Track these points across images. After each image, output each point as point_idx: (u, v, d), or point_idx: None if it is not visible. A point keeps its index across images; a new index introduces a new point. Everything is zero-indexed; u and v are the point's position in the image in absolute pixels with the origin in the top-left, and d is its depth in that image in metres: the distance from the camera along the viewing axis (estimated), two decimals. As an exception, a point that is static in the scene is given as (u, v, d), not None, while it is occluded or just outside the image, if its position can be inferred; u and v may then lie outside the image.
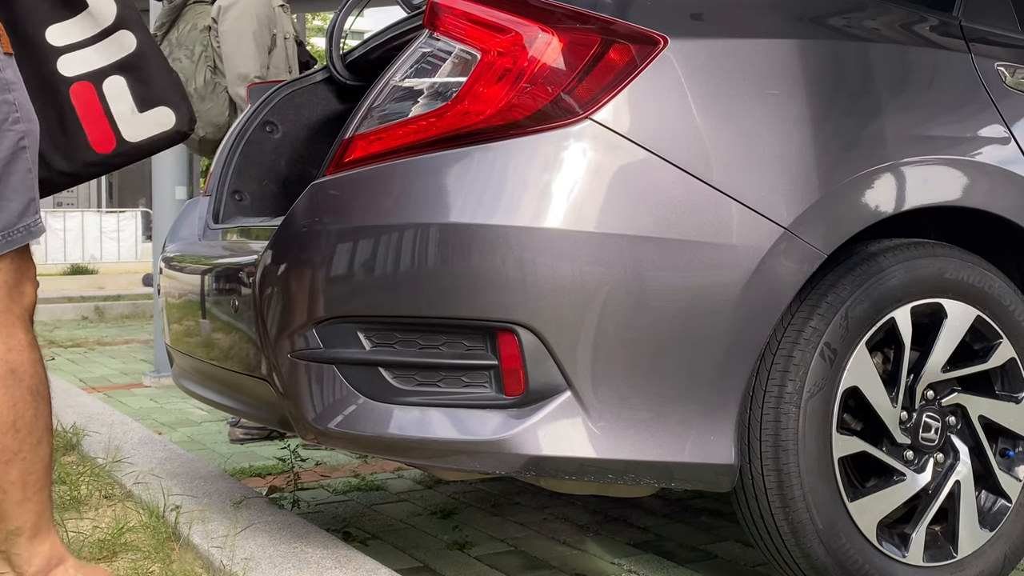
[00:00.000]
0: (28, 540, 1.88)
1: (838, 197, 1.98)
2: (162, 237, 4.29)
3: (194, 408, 4.44)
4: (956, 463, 2.13)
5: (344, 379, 1.95)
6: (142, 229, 16.65)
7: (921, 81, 2.17)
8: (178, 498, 2.61)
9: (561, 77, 1.89)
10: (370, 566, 2.11)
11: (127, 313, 8.72)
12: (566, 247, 1.84)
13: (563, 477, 1.90)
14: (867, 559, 2.02)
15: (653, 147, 1.89)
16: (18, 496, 1.84)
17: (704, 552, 2.55)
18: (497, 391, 1.87)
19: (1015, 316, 2.15)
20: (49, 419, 1.89)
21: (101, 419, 3.65)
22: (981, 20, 2.30)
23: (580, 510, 2.91)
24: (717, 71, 1.96)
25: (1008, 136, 2.18)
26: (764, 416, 1.96)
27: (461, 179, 1.89)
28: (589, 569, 2.43)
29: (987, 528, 2.15)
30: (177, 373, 2.72)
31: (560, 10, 1.94)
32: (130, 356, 6.27)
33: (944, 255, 2.10)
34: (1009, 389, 2.17)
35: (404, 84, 2.02)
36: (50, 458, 1.89)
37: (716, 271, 1.89)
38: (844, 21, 2.18)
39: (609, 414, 1.86)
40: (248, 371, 2.17)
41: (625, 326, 1.85)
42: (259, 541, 2.26)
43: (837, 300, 1.99)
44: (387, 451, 1.97)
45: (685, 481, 1.95)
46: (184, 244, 2.79)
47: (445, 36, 1.99)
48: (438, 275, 1.86)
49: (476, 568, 2.44)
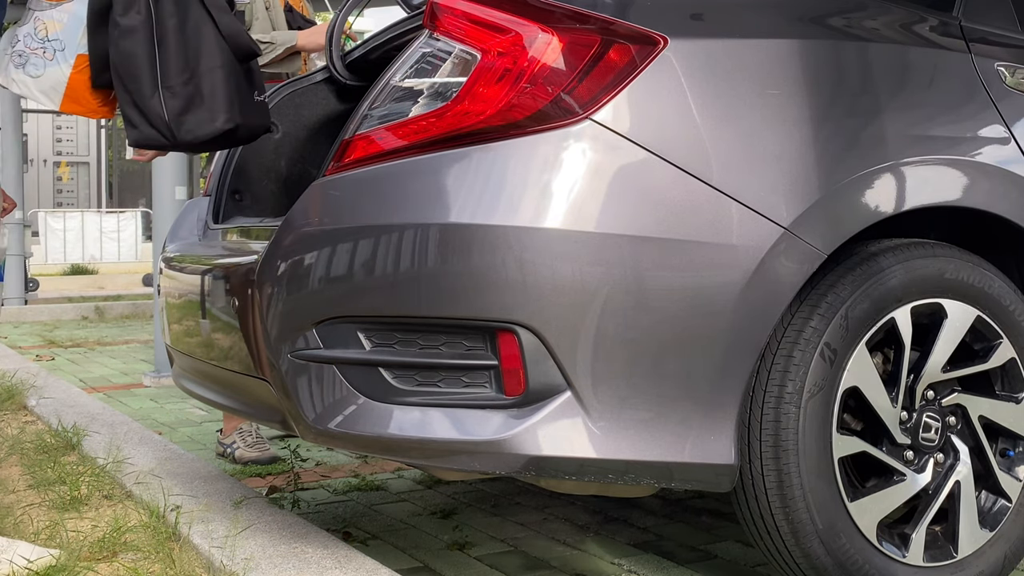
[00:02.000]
0: None
1: (838, 197, 1.98)
2: (162, 237, 4.29)
3: (194, 408, 4.44)
4: (956, 463, 2.13)
5: (344, 379, 1.95)
6: (142, 229, 16.65)
7: (921, 81, 2.17)
8: (178, 498, 2.61)
9: (561, 77, 1.89)
10: (370, 566, 2.11)
11: (127, 313, 8.72)
12: (566, 247, 1.84)
13: (563, 477, 1.90)
14: (867, 559, 2.02)
15: (653, 147, 1.89)
16: None
17: (704, 552, 2.55)
18: (497, 391, 1.87)
19: (1015, 316, 2.15)
20: None
21: (101, 419, 3.65)
22: (981, 20, 2.30)
23: (580, 510, 2.91)
24: (717, 71, 1.96)
25: (1008, 136, 2.18)
26: (764, 416, 1.96)
27: (461, 179, 1.89)
28: (589, 569, 2.43)
29: (987, 528, 2.15)
30: (177, 373, 2.72)
31: (560, 10, 1.94)
32: (130, 356, 6.28)
33: (944, 255, 2.10)
34: (1009, 389, 2.17)
35: (404, 84, 2.02)
36: None
37: (716, 271, 1.89)
38: (844, 21, 2.18)
39: (609, 414, 1.86)
40: (248, 371, 2.17)
41: (625, 326, 1.85)
42: (259, 541, 2.26)
43: (837, 300, 1.99)
44: (387, 451, 1.97)
45: (685, 481, 1.95)
46: (184, 244, 2.79)
47: (445, 36, 1.99)
48: (438, 275, 1.86)
49: (476, 568, 2.44)
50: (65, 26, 2.40)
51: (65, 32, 2.39)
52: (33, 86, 2.40)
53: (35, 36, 2.41)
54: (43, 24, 2.41)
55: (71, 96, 2.38)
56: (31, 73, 2.39)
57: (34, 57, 2.39)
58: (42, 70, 2.39)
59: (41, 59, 2.39)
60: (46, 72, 2.39)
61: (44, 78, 2.39)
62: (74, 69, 2.37)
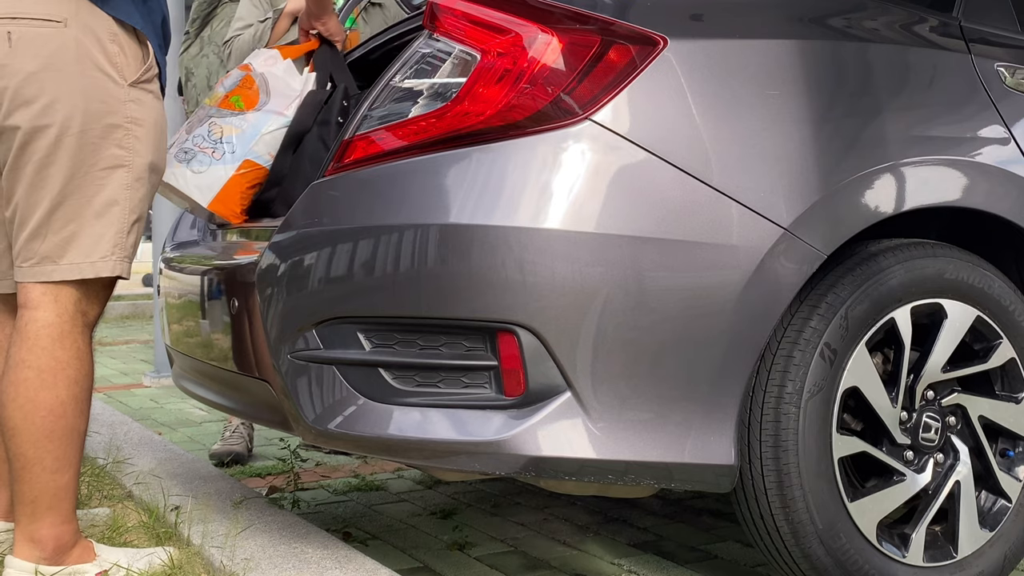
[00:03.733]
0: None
1: (838, 197, 1.98)
2: (162, 237, 4.30)
3: (194, 408, 4.44)
4: (956, 463, 2.13)
5: (344, 380, 1.95)
6: (142, 229, 16.60)
7: (921, 82, 2.17)
8: (178, 498, 2.61)
9: (561, 78, 1.88)
10: (370, 566, 2.11)
11: (127, 313, 8.72)
12: (566, 248, 1.84)
13: (563, 478, 1.90)
14: (867, 559, 2.02)
15: (653, 148, 1.89)
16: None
17: (704, 552, 2.55)
18: (497, 392, 1.87)
19: (1015, 316, 2.15)
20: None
21: (101, 419, 3.65)
22: (981, 20, 2.30)
23: (580, 510, 2.91)
24: (717, 72, 1.96)
25: (1008, 136, 2.18)
26: (764, 416, 1.96)
27: (461, 180, 1.89)
28: (589, 569, 2.43)
29: (987, 528, 2.15)
30: (177, 374, 2.72)
31: (560, 11, 1.94)
32: (130, 356, 6.28)
33: (944, 255, 2.10)
34: (1009, 389, 2.17)
35: (404, 85, 2.02)
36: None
37: (716, 271, 1.89)
38: (844, 21, 2.18)
39: (609, 415, 1.86)
40: (248, 372, 2.17)
41: (625, 327, 1.85)
42: (259, 541, 2.26)
43: (837, 300, 1.99)
44: (387, 452, 1.97)
45: (685, 482, 1.95)
46: (184, 245, 2.79)
47: (445, 37, 1.99)
48: (438, 276, 1.86)
49: (476, 568, 2.44)
50: (243, 132, 2.46)
51: (240, 137, 2.45)
52: (191, 180, 2.43)
53: (208, 137, 2.46)
54: (219, 127, 2.48)
55: (223, 196, 2.43)
56: (194, 168, 2.43)
57: (201, 154, 2.44)
58: (206, 167, 2.43)
59: (208, 157, 2.43)
60: (209, 170, 2.43)
61: (205, 175, 2.43)
62: (237, 170, 2.43)
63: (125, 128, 2.01)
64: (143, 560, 2.13)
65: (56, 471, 1.99)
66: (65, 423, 1.99)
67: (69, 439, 2.00)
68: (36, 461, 1.98)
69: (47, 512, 2.00)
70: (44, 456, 1.98)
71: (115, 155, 2.01)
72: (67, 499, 2.03)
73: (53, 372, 1.98)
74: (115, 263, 2.03)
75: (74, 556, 2.04)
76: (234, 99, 2.53)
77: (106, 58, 1.99)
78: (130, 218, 2.04)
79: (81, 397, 2.02)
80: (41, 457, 1.98)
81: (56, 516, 2.01)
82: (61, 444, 1.99)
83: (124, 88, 2.01)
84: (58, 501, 2.01)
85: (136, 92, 2.03)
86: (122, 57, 2.01)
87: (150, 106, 2.06)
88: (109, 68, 1.99)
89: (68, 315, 2.01)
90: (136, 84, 2.03)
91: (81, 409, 2.02)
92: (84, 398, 2.03)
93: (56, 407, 1.98)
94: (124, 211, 2.03)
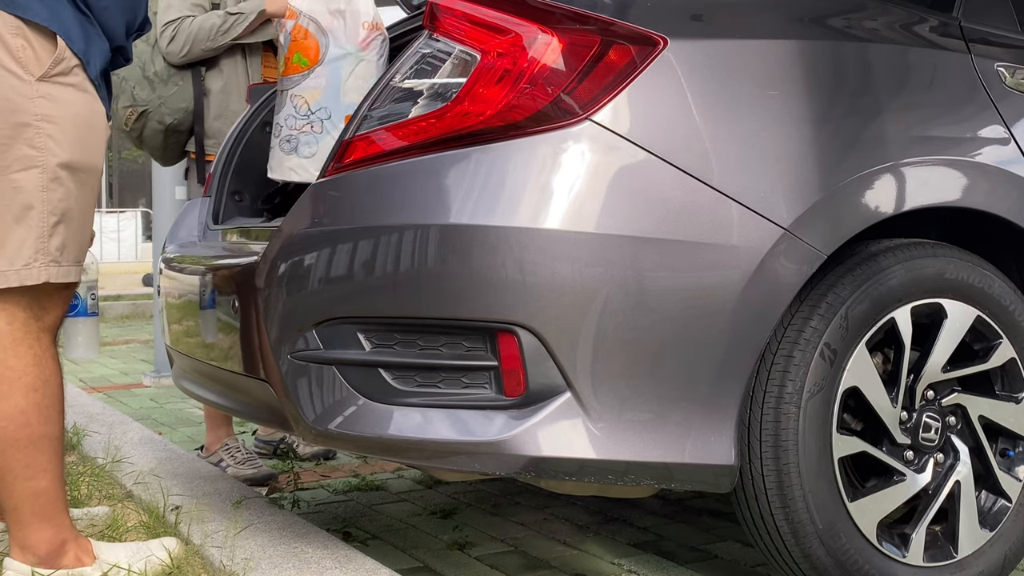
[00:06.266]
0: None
1: (838, 198, 1.98)
2: (162, 237, 4.29)
3: (194, 408, 4.44)
4: (956, 463, 2.13)
5: (344, 380, 1.95)
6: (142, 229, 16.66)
7: (921, 82, 2.17)
8: (178, 498, 2.61)
9: (561, 78, 1.88)
10: (370, 566, 2.11)
11: (127, 313, 8.73)
12: (566, 248, 1.84)
13: (563, 478, 1.90)
14: (867, 559, 2.02)
15: (653, 148, 1.89)
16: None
17: (704, 552, 2.55)
18: (497, 392, 1.87)
19: (1015, 316, 2.15)
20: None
21: (101, 419, 3.65)
22: (981, 20, 2.30)
23: (580, 510, 2.91)
24: (717, 72, 1.96)
25: (1008, 136, 2.18)
26: (764, 416, 1.96)
27: (461, 180, 1.89)
28: (589, 569, 2.43)
29: (987, 528, 2.15)
30: (177, 374, 2.72)
31: (560, 11, 1.94)
32: (130, 356, 6.28)
33: (944, 255, 2.10)
34: (1009, 389, 2.17)
35: (404, 85, 2.02)
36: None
37: (716, 272, 1.89)
38: (844, 22, 2.18)
39: (609, 415, 1.86)
40: (248, 372, 2.17)
41: (625, 327, 1.85)
42: (259, 541, 2.26)
43: (837, 300, 1.99)
44: (387, 452, 1.97)
45: (685, 482, 1.95)
46: (184, 245, 2.79)
47: (445, 37, 1.98)
48: (438, 276, 1.86)
49: (476, 568, 2.44)
50: (324, 91, 2.25)
51: (325, 97, 2.24)
52: (310, 166, 2.22)
53: (297, 114, 2.25)
54: (301, 98, 2.27)
55: None
56: (304, 154, 2.24)
57: (302, 136, 2.24)
58: (315, 146, 2.23)
59: (310, 135, 2.23)
60: (320, 147, 2.22)
61: (318, 154, 2.20)
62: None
63: (35, 127, 1.89)
64: (143, 561, 2.12)
65: (30, 479, 1.96)
66: (30, 431, 1.95)
67: (37, 447, 1.96)
68: (7, 471, 1.95)
69: (32, 518, 1.99)
70: (13, 466, 1.95)
71: (27, 155, 1.89)
72: (51, 503, 2.00)
73: (9, 381, 1.93)
74: (39, 269, 1.92)
75: (71, 557, 2.03)
76: (295, 58, 2.29)
77: (8, 54, 1.87)
78: (49, 220, 1.92)
79: (44, 403, 1.96)
80: (11, 467, 1.95)
81: (42, 521, 1.99)
82: (29, 452, 1.95)
83: (32, 84, 1.89)
84: (40, 507, 1.98)
85: (47, 87, 1.90)
86: (29, 51, 1.89)
87: (67, 101, 1.93)
88: (12, 64, 1.87)
89: (19, 321, 1.95)
90: (47, 79, 1.90)
91: (46, 416, 1.96)
92: (48, 404, 1.97)
93: (16, 416, 1.93)
94: (42, 214, 1.92)
